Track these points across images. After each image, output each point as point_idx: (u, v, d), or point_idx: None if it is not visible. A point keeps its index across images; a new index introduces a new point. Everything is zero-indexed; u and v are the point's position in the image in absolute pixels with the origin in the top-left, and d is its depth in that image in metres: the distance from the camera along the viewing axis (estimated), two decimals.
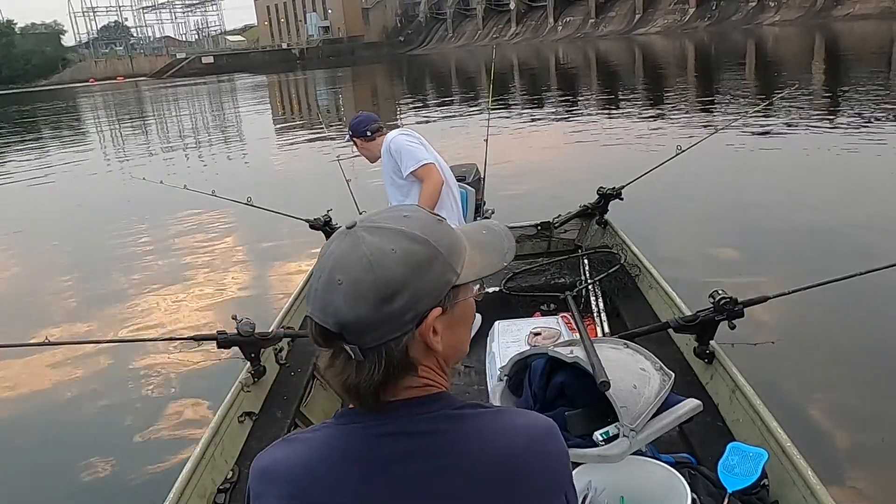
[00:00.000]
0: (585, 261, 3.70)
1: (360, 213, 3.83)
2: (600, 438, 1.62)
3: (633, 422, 1.61)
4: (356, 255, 0.83)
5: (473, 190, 4.04)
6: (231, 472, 2.21)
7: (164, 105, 33.84)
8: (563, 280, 3.58)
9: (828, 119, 10.62)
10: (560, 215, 4.20)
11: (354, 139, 3.53)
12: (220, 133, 19.22)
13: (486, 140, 4.66)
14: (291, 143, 14.78)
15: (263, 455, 0.93)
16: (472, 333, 0.99)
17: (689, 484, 1.55)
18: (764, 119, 10.19)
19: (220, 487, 2.14)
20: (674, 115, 13.02)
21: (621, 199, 3.96)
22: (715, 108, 13.60)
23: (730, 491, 1.72)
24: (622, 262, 3.26)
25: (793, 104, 11.41)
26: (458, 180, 3.73)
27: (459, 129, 13.24)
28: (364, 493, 0.85)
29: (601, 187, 4.00)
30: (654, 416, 1.66)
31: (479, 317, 2.87)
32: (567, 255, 3.79)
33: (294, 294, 3.48)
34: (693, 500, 1.52)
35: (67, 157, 16.33)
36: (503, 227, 0.99)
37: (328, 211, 4.10)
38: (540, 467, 0.86)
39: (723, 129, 4.62)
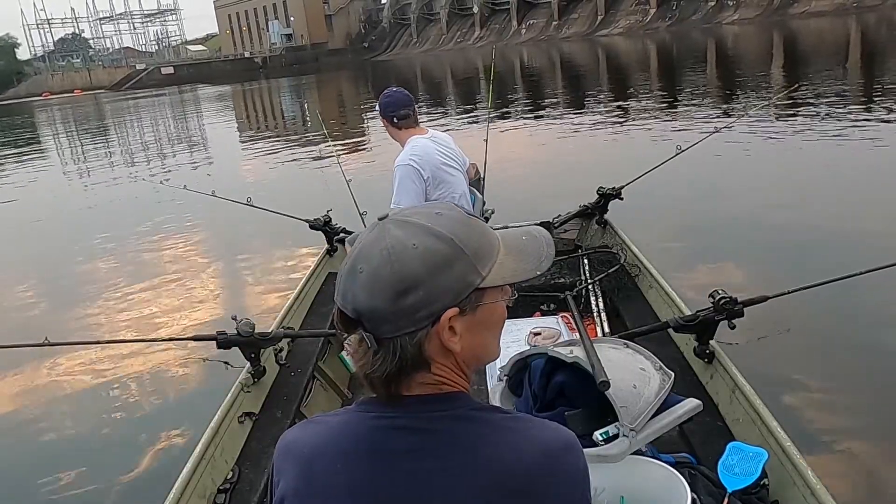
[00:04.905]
0: (585, 260, 3.70)
1: (361, 213, 3.81)
2: (600, 438, 1.62)
3: (633, 422, 1.61)
4: (378, 247, 0.84)
5: (481, 196, 3.95)
6: (231, 473, 2.21)
7: (138, 117, 32.68)
8: (563, 280, 3.58)
9: (828, 117, 10.60)
10: (560, 215, 4.19)
11: (382, 118, 3.24)
12: (199, 144, 18.78)
13: (486, 140, 4.65)
14: (287, 153, 14.75)
15: (288, 433, 0.95)
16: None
17: (689, 484, 1.55)
18: (763, 118, 10.19)
19: (220, 487, 2.13)
20: (663, 115, 13.03)
21: (621, 198, 3.95)
22: (709, 107, 13.61)
23: (730, 490, 1.72)
24: (622, 261, 3.26)
25: (792, 103, 11.40)
26: None
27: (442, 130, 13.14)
28: (367, 482, 0.85)
29: (601, 187, 3.99)
30: (654, 415, 1.66)
31: None
32: (567, 255, 3.78)
33: (294, 294, 3.48)
34: (693, 499, 1.52)
35: (55, 163, 16.36)
36: (546, 236, 0.96)
37: (328, 211, 4.10)
38: (551, 488, 0.83)
39: (722, 128, 4.62)
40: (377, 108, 3.25)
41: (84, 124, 30.84)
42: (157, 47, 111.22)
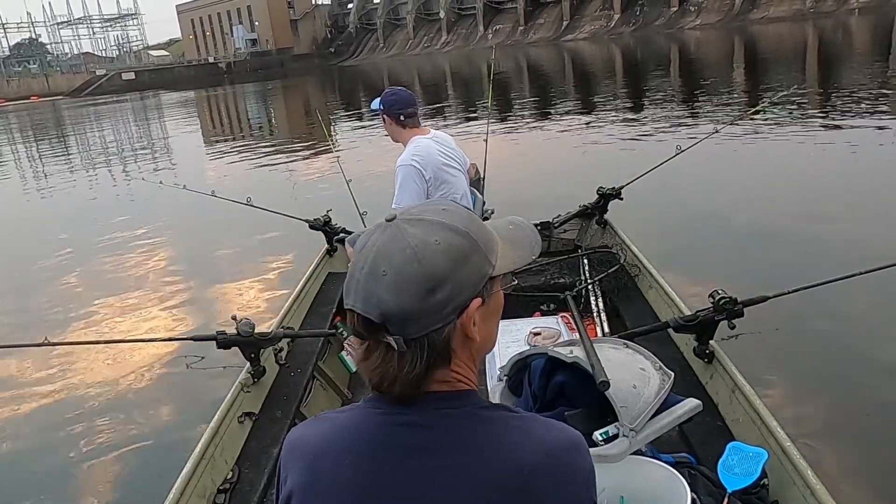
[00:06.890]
0: (585, 261, 3.70)
1: (361, 213, 3.81)
2: (600, 438, 1.62)
3: (633, 422, 1.61)
4: (400, 246, 0.84)
5: (481, 196, 3.93)
6: (231, 473, 2.21)
7: (100, 124, 30.97)
8: (563, 280, 3.58)
9: (827, 117, 10.61)
10: (560, 215, 4.19)
11: (384, 115, 3.19)
12: (186, 148, 18.33)
13: (486, 140, 4.65)
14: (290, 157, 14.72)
15: (295, 429, 0.96)
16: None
17: (689, 484, 1.55)
18: (762, 119, 10.19)
19: (220, 488, 2.14)
20: (656, 116, 13.03)
21: (621, 198, 3.95)
22: (703, 107, 13.62)
23: (730, 490, 1.72)
24: (622, 261, 3.26)
25: (789, 103, 11.41)
26: None
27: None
28: (371, 479, 0.85)
29: (601, 187, 3.99)
30: (654, 415, 1.66)
31: None
32: (567, 255, 3.78)
33: (294, 294, 3.48)
34: (693, 500, 1.52)
35: (52, 168, 16.28)
36: (528, 223, 1.00)
37: (328, 211, 4.10)
38: (551, 488, 0.82)
39: (722, 128, 4.60)
40: (380, 106, 3.21)
41: (62, 129, 30.30)
42: (117, 52, 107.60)
